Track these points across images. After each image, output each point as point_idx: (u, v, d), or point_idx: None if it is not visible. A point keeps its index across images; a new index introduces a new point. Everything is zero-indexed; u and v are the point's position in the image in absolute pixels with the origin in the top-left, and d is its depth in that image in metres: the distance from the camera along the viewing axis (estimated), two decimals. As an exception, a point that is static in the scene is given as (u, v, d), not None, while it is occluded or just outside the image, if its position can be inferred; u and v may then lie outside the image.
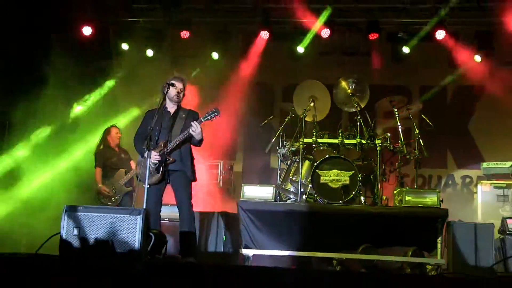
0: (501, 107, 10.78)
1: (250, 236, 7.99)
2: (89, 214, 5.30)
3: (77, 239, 5.23)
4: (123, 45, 11.55)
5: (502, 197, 8.79)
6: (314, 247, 7.81)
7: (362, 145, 8.91)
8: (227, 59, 11.56)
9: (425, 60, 11.67)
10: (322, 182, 8.45)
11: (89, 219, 5.28)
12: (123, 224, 5.25)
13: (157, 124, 6.62)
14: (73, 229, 5.23)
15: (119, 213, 5.42)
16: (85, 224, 5.26)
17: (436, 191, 8.78)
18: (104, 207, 7.02)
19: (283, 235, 7.97)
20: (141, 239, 5.22)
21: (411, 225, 7.87)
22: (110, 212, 5.50)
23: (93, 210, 5.42)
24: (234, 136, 11.70)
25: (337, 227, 7.91)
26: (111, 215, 5.35)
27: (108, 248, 5.17)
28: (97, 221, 5.27)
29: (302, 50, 11.31)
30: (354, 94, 9.40)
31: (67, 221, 5.28)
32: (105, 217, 5.31)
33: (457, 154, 11.71)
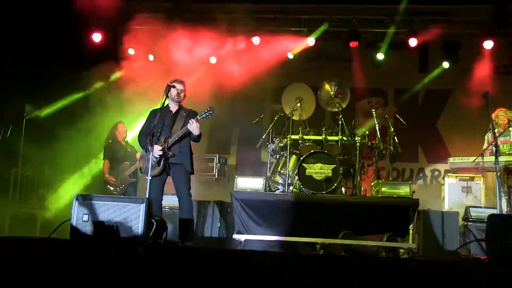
0: (465, 109, 10.80)
1: (242, 223, 7.98)
2: (97, 203, 5.29)
3: (86, 225, 5.21)
4: (129, 50, 11.52)
5: (466, 189, 8.85)
6: (300, 233, 7.80)
7: (343, 141, 8.94)
8: (223, 62, 11.54)
9: (399, 66, 11.71)
10: (307, 175, 8.46)
11: (97, 207, 5.26)
12: (128, 212, 5.24)
13: (160, 121, 6.63)
14: (82, 216, 5.21)
15: (124, 201, 5.40)
16: (93, 211, 5.24)
17: (409, 183, 8.81)
18: (110, 196, 6.98)
19: (272, 222, 7.95)
20: (144, 225, 5.22)
21: (386, 213, 7.87)
22: (116, 200, 5.47)
23: (101, 198, 5.39)
24: (228, 132, 11.71)
25: (320, 215, 7.90)
26: (117, 203, 5.33)
27: (114, 233, 5.15)
28: (105, 209, 5.25)
29: (291, 56, 11.32)
30: (336, 95, 9.41)
31: (77, 209, 5.26)
32: (111, 205, 5.29)
33: (427, 150, 11.76)
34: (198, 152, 8.28)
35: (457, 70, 11.25)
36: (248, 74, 11.13)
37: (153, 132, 6.51)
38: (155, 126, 6.52)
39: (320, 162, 8.50)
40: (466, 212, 8.00)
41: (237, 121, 11.33)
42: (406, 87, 11.90)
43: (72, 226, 5.22)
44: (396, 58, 11.51)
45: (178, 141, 6.61)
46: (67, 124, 10.01)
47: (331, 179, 8.41)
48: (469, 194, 8.83)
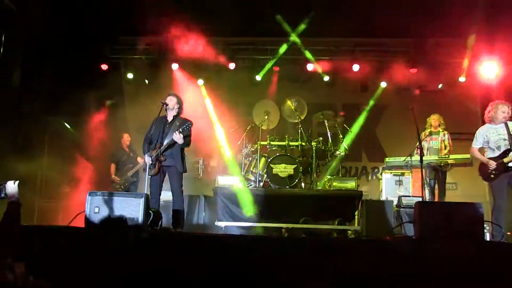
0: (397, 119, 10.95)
1: (223, 212, 8.01)
2: (106, 198, 5.26)
3: (97, 215, 5.18)
4: (130, 75, 11.54)
5: (398, 182, 8.88)
6: (269, 220, 7.85)
7: (302, 146, 8.99)
8: (206, 84, 11.54)
9: (345, 85, 11.77)
10: (274, 173, 8.49)
11: (106, 201, 5.23)
12: (130, 205, 5.21)
13: (158, 130, 6.54)
14: (94, 208, 5.18)
15: (127, 196, 5.39)
16: (103, 204, 5.21)
17: (354, 178, 8.95)
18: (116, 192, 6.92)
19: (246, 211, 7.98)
20: (143, 215, 5.19)
21: (337, 203, 7.96)
22: (121, 196, 5.46)
23: (109, 194, 5.37)
24: (211, 140, 11.68)
25: (285, 205, 7.97)
26: (122, 198, 5.31)
27: (120, 222, 5.13)
28: (112, 203, 5.23)
29: (259, 78, 11.36)
30: (296, 109, 9.48)
31: (90, 202, 5.23)
32: (117, 200, 5.27)
33: (368, 152, 11.80)
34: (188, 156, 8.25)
35: (389, 88, 11.39)
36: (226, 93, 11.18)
37: (151, 140, 6.50)
38: (152, 135, 6.50)
39: (284, 163, 8.55)
40: (398, 200, 8.10)
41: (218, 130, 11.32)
42: (351, 102, 11.95)
43: (86, 217, 5.20)
44: (343, 80, 11.62)
45: (169, 147, 6.48)
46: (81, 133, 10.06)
47: (293, 176, 8.46)
48: (401, 186, 8.86)
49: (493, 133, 6.39)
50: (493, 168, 6.22)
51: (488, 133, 6.43)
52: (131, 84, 11.79)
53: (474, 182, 10.86)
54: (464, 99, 11.34)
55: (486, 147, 6.48)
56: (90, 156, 10.00)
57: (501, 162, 6.19)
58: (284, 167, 8.52)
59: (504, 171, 6.20)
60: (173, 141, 6.42)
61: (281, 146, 9.08)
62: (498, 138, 6.32)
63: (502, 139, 6.29)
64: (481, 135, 6.51)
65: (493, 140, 6.36)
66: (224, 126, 10.65)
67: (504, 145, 6.26)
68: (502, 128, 6.33)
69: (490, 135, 6.41)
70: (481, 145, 6.49)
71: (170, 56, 11.20)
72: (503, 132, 6.31)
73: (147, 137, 6.60)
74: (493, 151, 6.35)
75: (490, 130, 6.43)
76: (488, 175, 6.33)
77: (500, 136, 6.31)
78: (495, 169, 6.22)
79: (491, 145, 6.38)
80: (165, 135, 6.53)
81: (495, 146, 6.33)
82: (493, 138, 6.36)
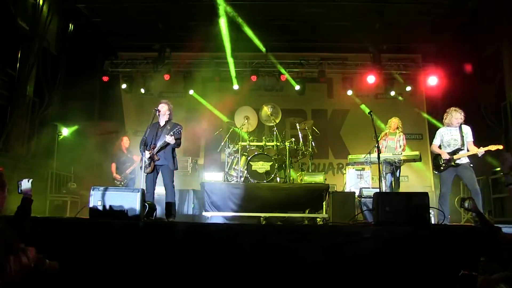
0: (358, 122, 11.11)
1: (209, 204, 7.96)
2: (108, 192, 5.23)
3: (100, 208, 5.15)
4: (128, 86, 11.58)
5: (360, 176, 8.94)
6: (249, 210, 7.84)
7: (277, 146, 9.03)
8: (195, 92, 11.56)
9: (314, 93, 11.90)
10: (253, 169, 8.50)
11: (108, 195, 5.20)
12: (128, 198, 5.16)
13: (152, 133, 6.49)
14: (97, 201, 5.15)
15: (126, 191, 5.33)
16: (105, 198, 5.18)
17: (322, 173, 8.96)
18: (116, 187, 6.87)
19: (229, 203, 7.95)
20: (140, 207, 5.16)
21: (307, 194, 7.98)
22: (121, 190, 5.43)
23: (110, 189, 5.31)
24: (198, 141, 11.67)
25: (263, 197, 7.94)
26: (121, 193, 5.28)
27: (120, 213, 5.12)
28: (113, 196, 5.19)
29: (237, 87, 11.38)
30: (272, 114, 9.50)
31: (94, 196, 5.19)
32: (117, 194, 5.21)
33: (334, 150, 11.89)
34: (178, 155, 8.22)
35: (351, 96, 11.54)
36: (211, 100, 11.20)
37: (145, 142, 6.47)
38: (147, 138, 6.47)
39: (262, 160, 8.57)
40: (360, 192, 8.15)
41: (204, 133, 11.33)
42: (319, 108, 12.08)
43: (90, 209, 5.16)
44: (312, 88, 11.75)
45: (162, 149, 6.46)
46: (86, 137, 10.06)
47: (269, 172, 8.48)
48: (362, 179, 8.93)
49: (447, 134, 6.67)
50: (446, 158, 6.45)
51: (443, 134, 6.73)
52: (129, 93, 11.76)
53: (422, 175, 11.19)
54: (412, 105, 11.62)
55: (441, 145, 6.73)
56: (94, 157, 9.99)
57: (451, 159, 6.43)
58: (261, 164, 8.55)
59: (451, 165, 6.42)
60: (166, 143, 6.40)
61: (259, 146, 9.08)
62: (450, 138, 6.60)
63: (453, 139, 6.57)
64: (439, 135, 6.82)
65: (446, 140, 6.64)
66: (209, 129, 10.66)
67: (454, 144, 6.53)
68: (456, 130, 6.60)
69: (444, 135, 6.70)
70: (439, 143, 6.74)
71: (163, 69, 11.21)
72: (456, 133, 6.58)
73: (143, 139, 6.57)
74: (445, 148, 6.61)
75: (446, 132, 6.72)
76: (438, 167, 6.62)
77: (453, 136, 6.59)
78: (446, 162, 6.44)
79: (444, 143, 6.66)
80: (158, 138, 6.51)
81: (446, 145, 6.61)
82: (446, 138, 6.64)
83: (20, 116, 8.40)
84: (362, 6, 9.42)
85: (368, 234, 4.63)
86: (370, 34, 10.51)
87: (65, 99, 9.60)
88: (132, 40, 11.53)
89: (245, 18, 10.03)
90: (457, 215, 9.10)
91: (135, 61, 11.66)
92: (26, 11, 8.35)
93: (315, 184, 8.33)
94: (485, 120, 8.69)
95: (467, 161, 6.40)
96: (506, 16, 8.05)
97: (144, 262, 4.43)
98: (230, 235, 4.70)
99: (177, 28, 10.69)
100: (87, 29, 10.69)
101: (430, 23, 10.14)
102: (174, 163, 6.58)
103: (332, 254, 4.49)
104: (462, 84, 9.55)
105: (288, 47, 11.58)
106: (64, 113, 9.65)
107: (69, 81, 9.62)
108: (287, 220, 7.81)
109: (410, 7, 9.42)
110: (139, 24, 10.55)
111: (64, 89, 9.51)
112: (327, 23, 10.27)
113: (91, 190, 5.22)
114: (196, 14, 10.10)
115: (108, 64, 11.42)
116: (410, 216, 4.90)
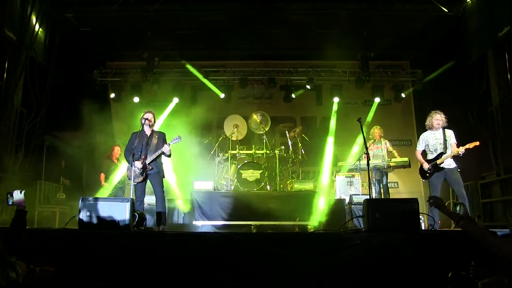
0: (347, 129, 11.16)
1: (199, 213, 7.96)
2: (97, 202, 5.19)
3: (89, 218, 5.11)
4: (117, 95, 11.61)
5: (350, 182, 8.95)
6: (239, 218, 7.84)
7: (267, 154, 9.06)
8: (182, 102, 11.54)
9: (303, 101, 11.94)
10: (243, 177, 8.55)
11: (97, 205, 5.17)
12: (118, 208, 5.15)
13: (140, 143, 6.48)
14: (86, 212, 5.11)
15: (115, 201, 5.33)
16: (94, 208, 5.14)
17: (312, 180, 9.02)
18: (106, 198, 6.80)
19: (220, 211, 7.95)
20: (130, 217, 5.15)
21: (297, 201, 8.02)
22: (110, 201, 5.40)
23: (99, 199, 5.29)
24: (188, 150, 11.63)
25: (253, 206, 7.93)
26: (110, 203, 5.25)
27: (109, 223, 5.08)
28: (102, 207, 5.16)
29: (223, 96, 11.38)
30: (261, 122, 9.55)
31: (82, 207, 5.15)
32: (107, 204, 5.20)
33: (324, 157, 11.97)
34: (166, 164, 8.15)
35: (340, 103, 11.61)
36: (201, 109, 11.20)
37: (134, 152, 6.43)
38: (136, 147, 6.43)
39: (252, 168, 8.61)
40: (350, 198, 8.26)
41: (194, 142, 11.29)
42: (308, 115, 12.13)
43: (79, 219, 5.12)
44: (301, 96, 11.79)
45: (154, 158, 6.49)
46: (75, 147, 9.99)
47: (259, 180, 8.53)
48: (352, 186, 8.95)
49: (431, 138, 6.67)
50: (427, 168, 6.49)
51: (428, 138, 6.71)
52: (117, 103, 11.73)
53: (412, 181, 11.25)
54: (401, 112, 11.74)
55: (427, 149, 6.73)
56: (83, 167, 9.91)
57: (434, 164, 6.45)
58: (251, 172, 8.58)
59: (438, 170, 6.46)
60: (160, 153, 6.42)
61: (249, 154, 9.12)
62: (436, 142, 6.60)
63: (439, 143, 6.57)
64: (422, 140, 6.79)
65: (432, 144, 6.63)
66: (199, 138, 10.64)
67: (440, 148, 6.53)
68: (440, 133, 6.61)
69: (429, 139, 6.69)
70: (423, 148, 6.76)
71: (150, 79, 11.21)
72: (440, 137, 6.59)
73: (130, 149, 6.49)
74: (432, 153, 6.62)
75: (430, 136, 6.71)
76: (424, 174, 6.63)
77: (437, 140, 6.60)
78: (429, 169, 6.49)
79: (430, 148, 6.66)
80: (148, 148, 6.49)
81: (433, 149, 6.60)
82: (432, 142, 6.64)
83: (7, 126, 8.32)
84: (350, 14, 9.53)
85: (358, 240, 4.64)
86: (358, 42, 10.62)
87: (54, 109, 9.52)
88: (120, 49, 11.52)
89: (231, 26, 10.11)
90: (448, 220, 9.16)
91: (124, 70, 11.64)
92: (13, 21, 8.28)
93: (306, 191, 8.38)
94: (472, 125, 8.80)
95: (454, 166, 6.45)
96: (490, 23, 8.20)
97: (135, 272, 4.40)
98: (220, 244, 4.69)
99: (166, 37, 10.70)
100: (75, 39, 10.65)
101: (417, 30, 10.29)
102: (163, 171, 6.59)
103: (323, 261, 4.49)
104: (449, 90, 9.67)
105: (277, 55, 11.65)
106: (52, 123, 9.57)
107: (57, 91, 9.55)
108: (278, 228, 7.80)
109: (397, 14, 9.54)
110: (127, 33, 10.54)
111: (52, 99, 9.43)
112: (316, 31, 10.36)
113: (80, 201, 5.19)
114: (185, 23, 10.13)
115: (96, 73, 11.39)
116: (400, 222, 4.93)
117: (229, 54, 11.61)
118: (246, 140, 9.93)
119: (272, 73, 11.44)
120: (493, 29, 8.13)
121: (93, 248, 4.52)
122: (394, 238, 4.63)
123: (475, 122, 8.84)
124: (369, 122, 9.48)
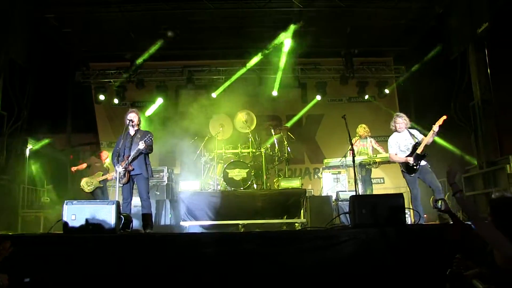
0: (332, 126, 11.23)
1: (186, 213, 7.91)
2: (82, 205, 5.11)
3: (74, 222, 5.02)
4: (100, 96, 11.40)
5: (336, 179, 8.99)
6: (227, 218, 7.81)
7: (253, 152, 9.04)
8: (166, 102, 11.48)
9: (288, 99, 11.96)
10: (229, 177, 8.50)
11: (82, 208, 5.08)
12: (103, 211, 5.06)
13: (123, 144, 6.41)
14: (71, 216, 5.02)
15: (100, 204, 5.23)
16: (79, 212, 5.06)
17: (299, 178, 9.05)
18: (90, 200, 6.71)
19: (207, 211, 7.91)
20: (116, 219, 5.08)
21: (284, 200, 8.00)
22: (95, 203, 5.31)
23: (84, 202, 5.21)
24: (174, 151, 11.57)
25: (240, 204, 7.94)
26: (95, 206, 5.17)
27: (95, 226, 5.01)
28: (87, 210, 5.07)
29: (215, 96, 11.37)
30: (246, 121, 9.53)
31: (67, 211, 5.06)
32: (92, 207, 5.10)
33: (310, 155, 12.02)
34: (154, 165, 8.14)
35: (325, 101, 11.67)
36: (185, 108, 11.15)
37: (118, 153, 6.36)
38: (120, 149, 6.35)
39: (238, 167, 8.58)
40: (337, 195, 8.29)
41: (179, 142, 11.23)
42: (293, 113, 12.15)
43: (64, 223, 5.03)
44: (286, 94, 11.80)
45: (136, 158, 6.36)
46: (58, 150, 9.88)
47: (246, 179, 8.49)
48: (338, 183, 8.98)
49: (401, 139, 6.73)
50: (412, 162, 6.50)
51: (399, 140, 6.74)
52: (101, 104, 11.62)
53: (398, 177, 11.32)
54: (385, 108, 11.83)
55: (399, 151, 6.73)
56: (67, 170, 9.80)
57: (416, 155, 6.47)
58: (238, 171, 8.55)
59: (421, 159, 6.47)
60: (138, 152, 6.32)
61: (235, 153, 9.10)
62: (406, 142, 6.66)
63: (409, 142, 6.63)
64: (394, 143, 6.79)
65: (403, 144, 6.69)
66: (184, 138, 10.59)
67: (412, 144, 6.58)
68: (406, 134, 6.71)
69: (400, 141, 6.73)
70: (396, 151, 6.74)
71: (135, 79, 11.13)
72: (407, 137, 6.68)
73: (116, 151, 6.45)
74: (405, 152, 6.64)
75: (399, 137, 6.76)
76: (411, 169, 6.55)
77: (407, 140, 6.67)
78: (414, 162, 6.49)
79: (402, 148, 6.69)
80: (131, 148, 6.42)
81: (405, 149, 6.64)
82: (403, 143, 6.70)
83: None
84: (333, 10, 9.57)
85: (345, 237, 4.67)
86: (342, 39, 10.68)
87: (35, 112, 9.38)
88: (103, 50, 11.40)
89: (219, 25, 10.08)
90: (434, 214, 9.26)
91: (107, 71, 11.54)
92: (-8, 22, 8.16)
93: (292, 189, 8.36)
94: (455, 120, 8.92)
95: (424, 163, 6.51)
96: (471, 19, 8.32)
97: (122, 274, 4.36)
98: (208, 244, 4.68)
99: (148, 37, 10.62)
100: (57, 40, 10.51)
101: (400, 26, 10.39)
102: (147, 171, 6.46)
103: (311, 258, 4.52)
104: (432, 85, 9.79)
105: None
106: (34, 126, 9.43)
107: (39, 93, 9.41)
108: (266, 227, 7.78)
109: (380, 11, 9.61)
110: (110, 34, 10.44)
111: (34, 102, 9.28)
112: (299, 29, 10.37)
113: (64, 204, 5.09)
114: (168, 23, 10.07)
115: (79, 75, 11.27)
116: (386, 217, 4.97)
117: (213, 53, 11.56)
118: (232, 139, 9.89)
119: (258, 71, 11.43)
120: (472, 25, 8.25)
121: (78, 252, 4.47)
122: (380, 234, 4.67)
123: (458, 116, 8.96)
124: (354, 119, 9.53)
